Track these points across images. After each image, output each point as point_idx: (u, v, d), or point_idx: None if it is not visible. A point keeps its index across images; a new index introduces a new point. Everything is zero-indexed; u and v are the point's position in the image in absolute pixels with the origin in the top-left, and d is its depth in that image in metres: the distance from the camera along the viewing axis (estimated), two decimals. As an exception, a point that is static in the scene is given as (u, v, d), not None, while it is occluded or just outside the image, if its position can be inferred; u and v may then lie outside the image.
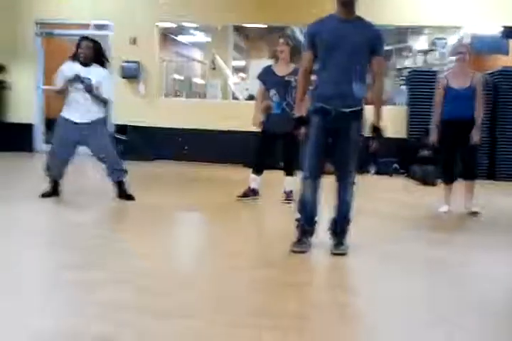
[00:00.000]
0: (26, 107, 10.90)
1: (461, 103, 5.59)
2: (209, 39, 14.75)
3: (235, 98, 11.50)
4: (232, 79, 11.96)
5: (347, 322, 2.74)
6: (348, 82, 3.88)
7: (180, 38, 18.01)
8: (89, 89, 5.43)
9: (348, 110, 3.91)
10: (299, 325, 2.60)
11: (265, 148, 6.03)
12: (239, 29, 15.55)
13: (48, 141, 11.25)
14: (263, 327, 2.52)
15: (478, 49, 8.95)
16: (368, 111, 4.01)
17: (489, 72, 9.10)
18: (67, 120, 5.52)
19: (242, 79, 12.86)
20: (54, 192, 5.61)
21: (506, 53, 9.78)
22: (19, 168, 8.54)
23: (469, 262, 3.99)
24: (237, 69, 13.66)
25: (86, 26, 10.70)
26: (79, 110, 5.49)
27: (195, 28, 15.69)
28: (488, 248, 4.38)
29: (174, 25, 12.96)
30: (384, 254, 4.02)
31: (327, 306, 2.92)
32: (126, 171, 5.73)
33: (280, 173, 6.10)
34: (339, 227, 4.05)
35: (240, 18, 10.62)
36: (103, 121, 5.72)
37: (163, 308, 2.72)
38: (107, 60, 5.79)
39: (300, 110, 4.11)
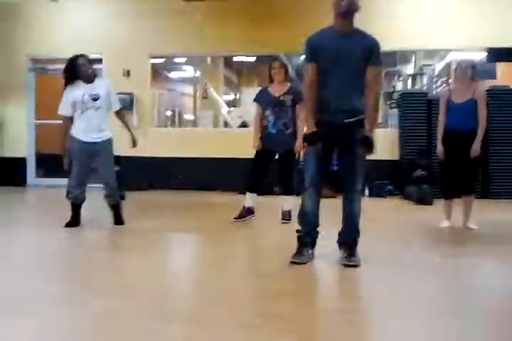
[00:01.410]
0: (18, 141, 10.89)
1: (462, 115, 5.63)
2: (199, 73, 14.96)
3: (226, 126, 11.56)
4: (225, 108, 12.06)
5: (355, 327, 2.71)
6: (349, 96, 3.91)
7: (171, 73, 18.29)
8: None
9: (349, 120, 3.92)
10: (307, 330, 2.54)
11: (260, 166, 6.01)
12: (228, 62, 15.80)
13: (39, 175, 11.25)
14: (273, 330, 2.47)
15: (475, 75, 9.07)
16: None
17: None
18: (79, 140, 5.52)
19: (235, 106, 12.98)
20: (75, 221, 5.57)
21: (494, 77, 9.93)
22: (14, 201, 8.46)
23: (478, 273, 3.94)
24: (228, 103, 13.79)
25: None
26: (91, 129, 5.49)
27: (185, 62, 15.94)
28: (494, 258, 4.34)
29: (164, 60, 13.14)
30: (388, 264, 4.01)
31: (335, 312, 2.87)
32: (123, 196, 5.72)
33: (277, 198, 6.07)
34: (349, 238, 4.00)
35: (230, 50, 10.74)
36: (112, 141, 5.71)
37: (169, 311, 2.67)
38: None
39: (310, 125, 3.99)
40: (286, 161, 5.94)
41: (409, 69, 12.67)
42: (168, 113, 17.99)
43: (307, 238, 4.05)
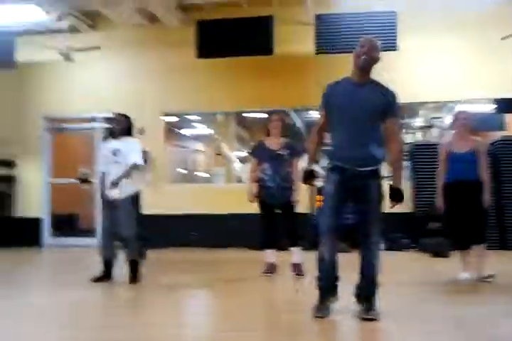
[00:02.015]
0: (34, 201, 11.01)
1: (463, 166, 5.63)
2: (211, 131, 15.23)
3: (239, 181, 11.63)
4: (237, 163, 12.19)
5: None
6: (362, 144, 3.91)
7: (184, 130, 18.61)
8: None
9: (365, 169, 3.92)
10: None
11: (268, 221, 6.07)
12: (240, 119, 16.08)
13: (55, 235, 11.30)
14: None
15: (475, 127, 9.19)
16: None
17: (490, 142, 9.25)
18: (105, 196, 5.72)
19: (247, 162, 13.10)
20: (107, 275, 5.66)
21: (502, 129, 10.01)
22: (29, 263, 8.46)
23: (497, 325, 3.85)
24: (240, 159, 13.95)
25: (94, 120, 11.06)
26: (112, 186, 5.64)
27: (198, 120, 16.25)
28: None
29: (177, 119, 13.40)
30: (407, 319, 3.92)
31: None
32: (142, 254, 5.78)
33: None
34: (367, 291, 3.92)
35: (241, 106, 10.96)
36: (133, 198, 5.79)
37: None
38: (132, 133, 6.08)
39: (311, 164, 4.15)
40: (287, 214, 6.01)
41: (419, 121, 12.81)
42: (182, 170, 18.15)
43: (326, 286, 4.00)
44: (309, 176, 4.13)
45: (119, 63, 10.96)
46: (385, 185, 4.00)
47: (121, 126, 5.86)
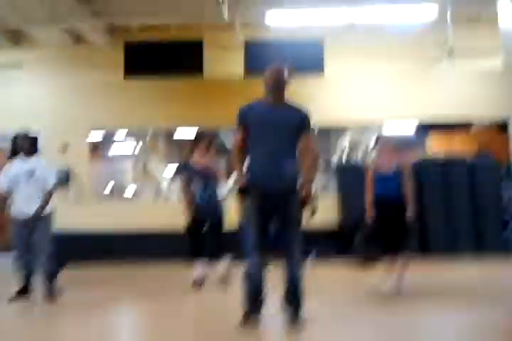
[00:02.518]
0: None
1: (388, 184, 5.95)
2: (139, 148, 15.09)
3: (166, 199, 11.61)
4: (165, 181, 12.17)
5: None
6: (280, 162, 4.09)
7: (111, 147, 18.29)
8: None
9: (282, 186, 4.10)
10: None
11: (196, 231, 6.23)
12: (169, 137, 15.99)
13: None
14: None
15: (398, 148, 9.66)
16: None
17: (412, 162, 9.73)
18: (16, 218, 5.66)
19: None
20: (24, 291, 5.61)
21: (423, 149, 10.58)
22: None
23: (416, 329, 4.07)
24: (168, 177, 13.88)
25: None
26: (27, 204, 5.55)
27: (126, 137, 16.03)
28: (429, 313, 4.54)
29: (104, 135, 13.17)
30: (333, 324, 4.11)
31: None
32: (58, 271, 5.75)
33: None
34: (293, 298, 4.02)
35: (169, 124, 10.98)
36: (49, 217, 5.74)
37: None
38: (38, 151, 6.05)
39: (241, 180, 4.21)
40: (214, 230, 6.23)
41: (344, 142, 13.25)
42: (108, 187, 17.77)
43: (253, 302, 4.06)
44: (244, 192, 4.20)
45: (44, 80, 10.66)
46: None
47: (29, 145, 5.81)
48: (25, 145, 5.78)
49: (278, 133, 4.09)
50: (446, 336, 3.98)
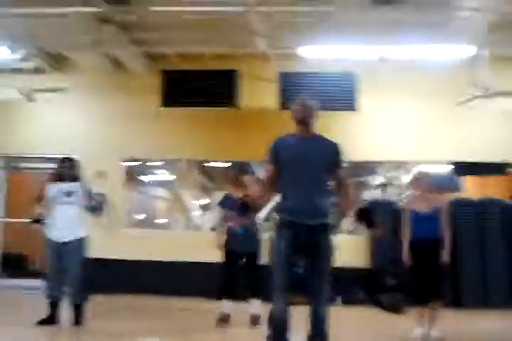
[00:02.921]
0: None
1: (425, 225, 5.79)
2: (173, 177, 15.18)
3: (197, 229, 11.55)
4: (197, 212, 12.13)
5: None
6: (313, 198, 4.02)
7: (145, 176, 18.48)
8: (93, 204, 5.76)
9: (315, 222, 3.99)
10: None
11: (229, 269, 6.05)
12: (202, 167, 16.07)
13: (5, 276, 10.90)
14: None
15: (433, 188, 9.46)
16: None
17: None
18: (51, 240, 5.68)
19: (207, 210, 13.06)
20: (52, 318, 5.56)
21: (458, 190, 10.32)
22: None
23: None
24: (201, 207, 13.89)
25: (52, 160, 10.91)
26: (62, 227, 5.53)
27: (160, 166, 16.20)
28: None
29: (138, 163, 13.29)
30: None
31: None
32: (87, 297, 5.64)
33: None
34: None
35: (203, 155, 11.03)
36: (83, 241, 5.70)
37: None
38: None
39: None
40: (250, 263, 6.02)
41: (377, 179, 13.05)
42: (141, 215, 17.88)
43: None
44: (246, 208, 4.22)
45: (83, 106, 10.90)
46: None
47: (74, 170, 5.84)
48: (69, 169, 5.86)
49: (311, 167, 4.05)
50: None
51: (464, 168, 10.22)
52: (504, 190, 10.96)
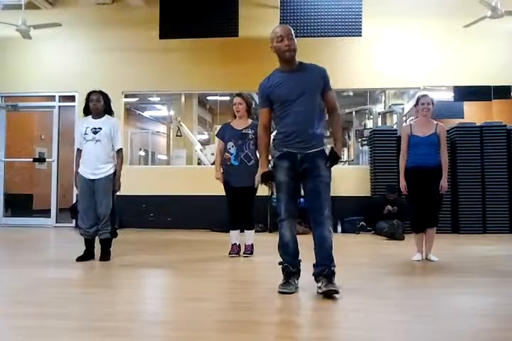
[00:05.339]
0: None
1: (424, 150, 5.72)
2: (172, 112, 15.10)
3: (199, 163, 11.60)
4: (198, 145, 12.15)
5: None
6: (308, 126, 4.05)
7: (144, 111, 18.41)
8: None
9: (312, 151, 4.05)
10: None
11: (233, 203, 6.11)
12: (202, 101, 15.93)
13: (7, 215, 11.10)
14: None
15: (436, 114, 9.38)
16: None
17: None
18: (82, 176, 5.70)
19: (208, 144, 13.08)
20: (88, 255, 5.69)
21: (462, 117, 10.25)
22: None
23: (446, 302, 3.98)
24: (201, 141, 13.90)
25: (51, 98, 10.84)
26: (92, 165, 5.60)
27: (159, 101, 16.08)
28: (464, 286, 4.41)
29: (137, 99, 13.17)
30: (366, 295, 3.99)
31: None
32: (115, 233, 5.79)
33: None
34: (326, 267, 3.94)
35: (203, 88, 10.90)
36: (112, 177, 5.75)
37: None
38: (112, 111, 6.00)
39: (264, 165, 4.23)
40: (246, 197, 6.07)
41: (379, 108, 13.00)
42: (142, 152, 17.99)
43: (291, 268, 4.08)
44: (267, 178, 4.21)
45: (79, 41, 10.73)
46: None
47: (105, 104, 5.80)
48: (97, 103, 5.76)
49: (304, 96, 4.03)
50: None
51: (466, 93, 10.11)
52: (509, 115, 10.93)
